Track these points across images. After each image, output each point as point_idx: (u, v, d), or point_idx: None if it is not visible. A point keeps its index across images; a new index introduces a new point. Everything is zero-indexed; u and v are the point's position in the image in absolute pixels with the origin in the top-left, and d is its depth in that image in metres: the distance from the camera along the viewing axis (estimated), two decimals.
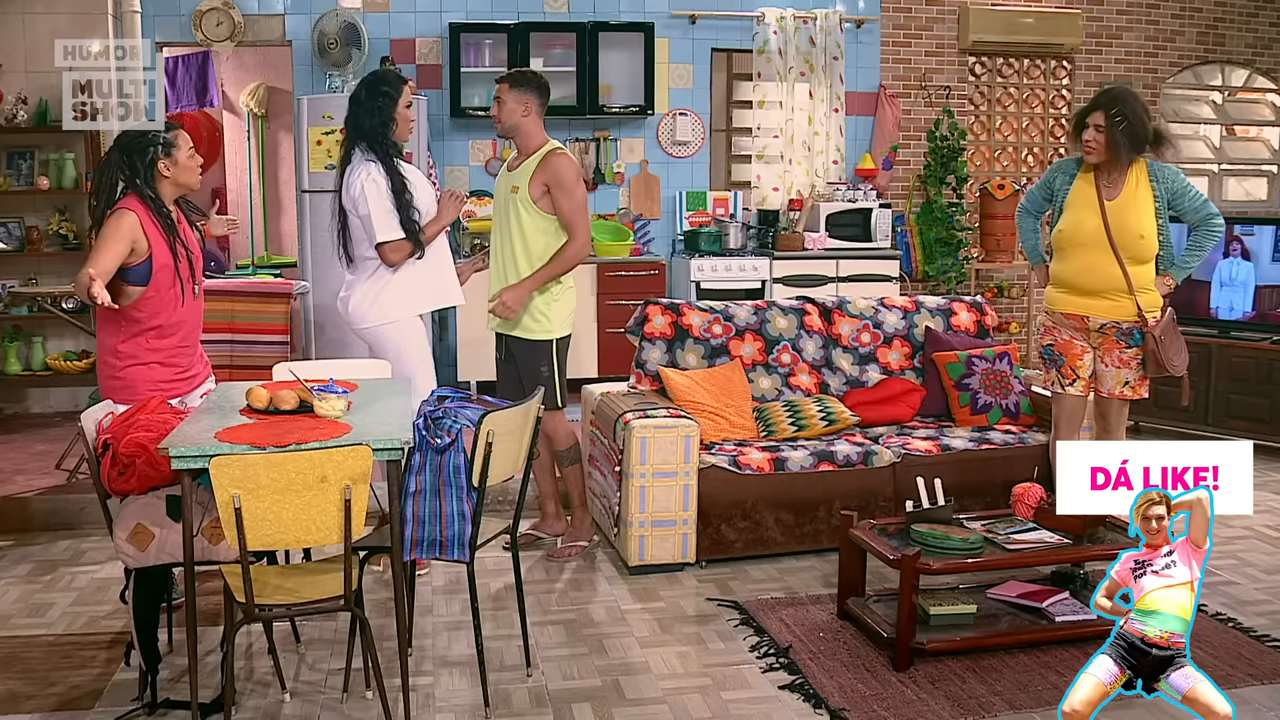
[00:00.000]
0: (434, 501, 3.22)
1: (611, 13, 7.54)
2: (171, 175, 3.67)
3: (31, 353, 6.84)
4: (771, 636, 3.81)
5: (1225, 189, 9.10)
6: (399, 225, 4.26)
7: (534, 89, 4.48)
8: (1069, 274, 4.33)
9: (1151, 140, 4.20)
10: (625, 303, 6.90)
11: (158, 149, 3.65)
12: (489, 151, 7.54)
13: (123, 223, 3.55)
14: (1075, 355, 4.36)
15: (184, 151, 3.70)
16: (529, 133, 4.50)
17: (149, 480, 3.16)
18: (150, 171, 3.64)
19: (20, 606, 4.13)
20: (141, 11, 6.91)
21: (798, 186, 7.76)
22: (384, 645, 3.63)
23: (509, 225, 4.50)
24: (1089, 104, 4.28)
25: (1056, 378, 4.41)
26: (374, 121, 4.32)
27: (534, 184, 4.42)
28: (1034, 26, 8.05)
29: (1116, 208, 4.20)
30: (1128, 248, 4.18)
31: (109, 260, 3.48)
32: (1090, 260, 4.25)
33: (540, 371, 4.49)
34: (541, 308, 4.49)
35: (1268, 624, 3.93)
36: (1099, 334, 4.32)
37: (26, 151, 6.78)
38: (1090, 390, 4.40)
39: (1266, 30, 8.81)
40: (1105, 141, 4.16)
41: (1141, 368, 4.31)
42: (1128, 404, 4.42)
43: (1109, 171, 4.23)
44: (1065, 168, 4.39)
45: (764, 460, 4.52)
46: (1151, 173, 4.23)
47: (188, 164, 3.72)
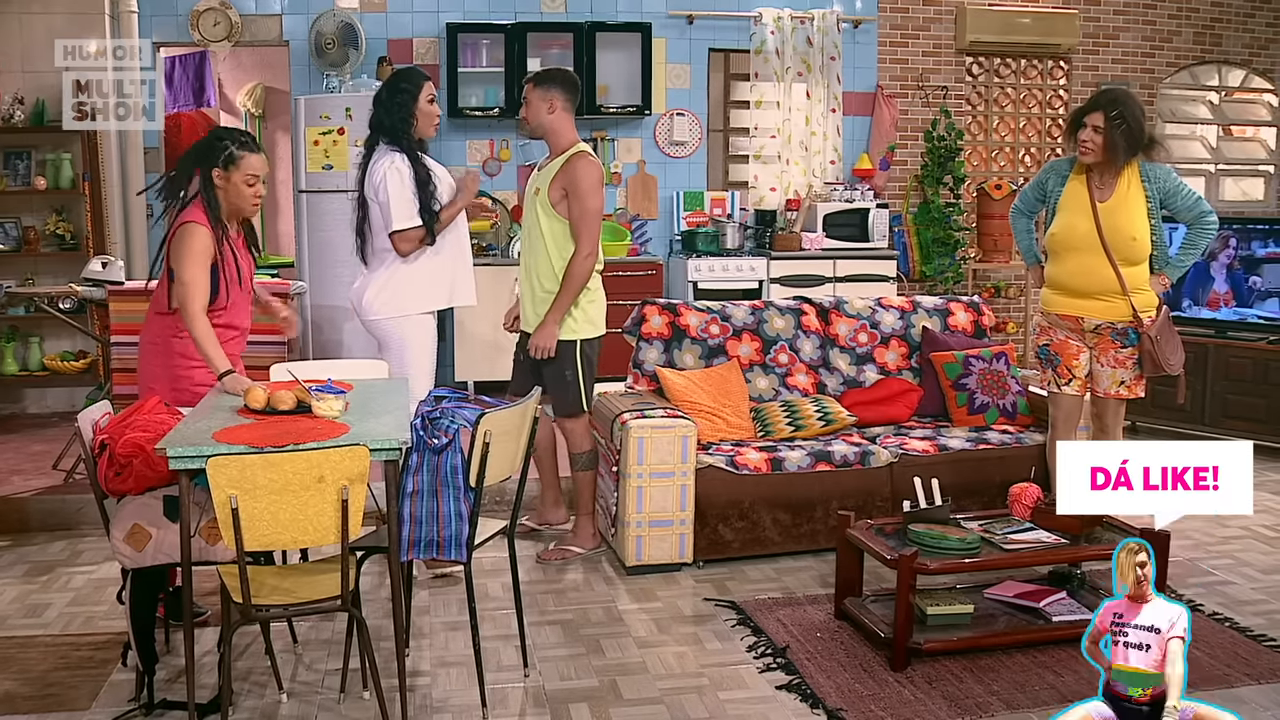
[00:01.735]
0: (431, 502, 3.22)
1: (609, 13, 7.54)
2: (222, 188, 3.66)
3: (28, 353, 6.84)
4: (769, 636, 3.81)
5: (1222, 189, 9.10)
6: (416, 214, 4.30)
7: (558, 85, 4.48)
8: (1063, 276, 4.34)
9: (1146, 145, 4.20)
10: (622, 303, 6.87)
11: (221, 158, 3.64)
12: (486, 151, 7.54)
13: (196, 242, 3.58)
14: (1071, 355, 4.36)
15: (242, 173, 3.66)
16: (557, 130, 4.49)
17: (146, 480, 3.16)
18: (208, 177, 3.65)
19: (17, 607, 4.12)
20: (138, 11, 6.92)
21: (795, 187, 7.76)
22: (381, 645, 3.63)
23: (533, 227, 4.50)
24: (1087, 104, 4.28)
25: (1053, 377, 4.42)
26: (394, 118, 4.36)
27: (554, 187, 4.41)
28: (1031, 27, 8.06)
29: (1108, 210, 4.20)
30: (1120, 250, 4.18)
31: (201, 275, 3.57)
32: (1083, 263, 4.25)
33: (564, 374, 4.47)
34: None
35: (1264, 624, 3.93)
36: (1094, 334, 4.32)
37: (23, 151, 6.78)
38: (1087, 390, 4.41)
39: (1263, 30, 8.82)
40: (1103, 143, 4.15)
41: (1137, 367, 4.32)
42: (1124, 404, 4.43)
43: (1101, 173, 4.23)
44: (1058, 168, 4.39)
45: (761, 460, 4.52)
46: (1143, 173, 4.23)
47: (241, 187, 3.67)
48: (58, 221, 6.80)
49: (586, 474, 4.65)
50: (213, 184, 3.66)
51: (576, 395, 4.49)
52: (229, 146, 3.66)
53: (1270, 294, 6.40)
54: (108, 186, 6.87)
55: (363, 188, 4.42)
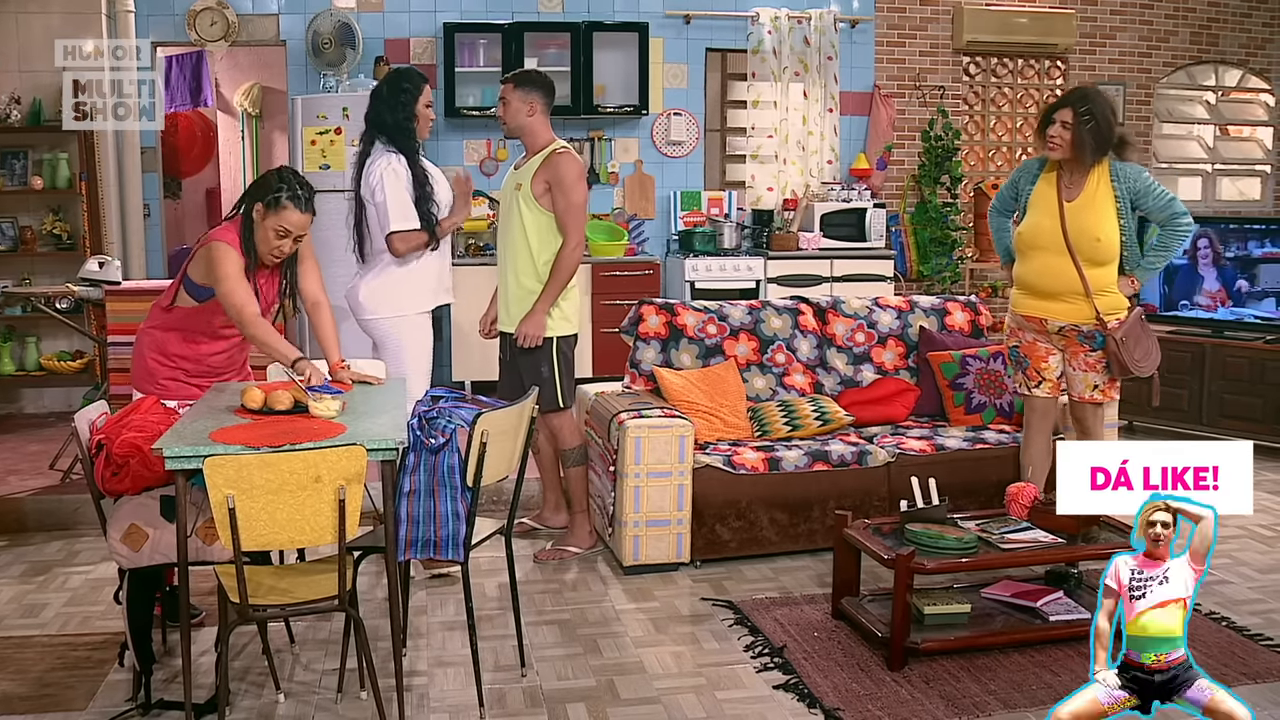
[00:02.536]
0: (428, 501, 3.22)
1: (606, 13, 7.54)
2: (256, 225, 3.58)
3: (25, 353, 6.83)
4: (766, 636, 3.81)
5: (1219, 189, 9.12)
6: (414, 216, 4.32)
7: (539, 88, 4.48)
8: (1028, 276, 4.31)
9: (1115, 144, 4.17)
10: (620, 302, 6.91)
11: (269, 196, 3.56)
12: (483, 151, 7.54)
13: (229, 265, 3.52)
14: (1039, 357, 4.35)
15: (276, 221, 3.54)
16: (535, 132, 4.50)
17: (143, 480, 3.16)
18: (252, 208, 3.59)
19: (14, 607, 4.12)
20: (135, 11, 6.91)
21: (792, 186, 7.77)
22: (378, 645, 3.63)
23: (513, 222, 4.51)
24: (1058, 100, 4.27)
25: (1023, 379, 4.41)
26: (396, 117, 4.37)
27: (536, 181, 4.43)
28: (1028, 26, 8.07)
29: (1075, 209, 4.16)
30: (1084, 250, 4.14)
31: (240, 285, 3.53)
32: (1047, 262, 4.21)
33: (540, 371, 4.48)
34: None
35: (1261, 623, 3.93)
36: (1060, 336, 4.29)
37: (20, 151, 6.77)
38: (1059, 391, 4.38)
39: (1260, 30, 8.83)
40: (1070, 139, 4.13)
41: (1109, 371, 4.27)
42: (1102, 407, 4.38)
43: (1071, 172, 4.20)
44: (1029, 168, 4.38)
45: (758, 460, 4.52)
46: (1113, 173, 4.18)
47: (269, 232, 3.56)
48: (54, 221, 6.80)
49: (577, 470, 4.66)
50: (252, 217, 3.59)
51: (553, 392, 4.51)
52: (281, 191, 3.56)
53: (1267, 294, 6.41)
54: (104, 186, 6.87)
55: (359, 187, 4.43)
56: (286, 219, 3.55)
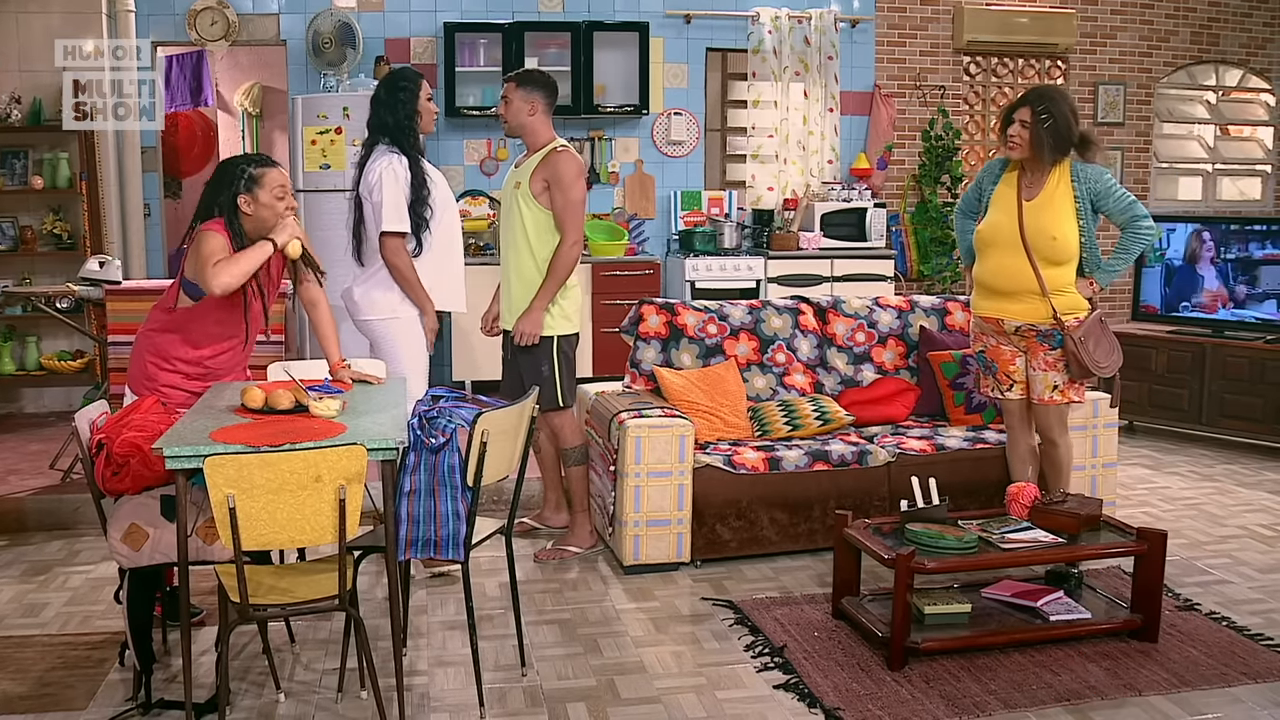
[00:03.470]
0: (429, 501, 3.22)
1: (606, 12, 7.54)
2: (252, 213, 3.55)
3: (25, 353, 6.83)
4: (766, 636, 3.81)
5: (1219, 189, 9.12)
6: (406, 218, 4.31)
7: (541, 88, 4.49)
8: (985, 275, 4.30)
9: (1077, 143, 4.15)
10: (620, 302, 6.91)
11: (240, 183, 3.54)
12: (484, 151, 7.55)
13: (214, 241, 3.48)
14: (1006, 360, 4.34)
15: (268, 191, 3.54)
16: (535, 131, 4.50)
17: (143, 480, 3.16)
18: (233, 205, 3.54)
19: (14, 607, 4.12)
20: (136, 11, 6.91)
21: (792, 186, 7.77)
22: (379, 645, 3.63)
23: (513, 221, 4.52)
24: (1017, 100, 4.27)
25: (994, 383, 4.40)
26: (398, 117, 4.37)
27: (535, 179, 4.43)
28: (1028, 26, 8.07)
29: (1033, 208, 4.15)
30: (1040, 249, 4.13)
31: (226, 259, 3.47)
32: (1003, 261, 4.21)
33: (540, 370, 4.48)
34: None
35: (1262, 623, 3.93)
36: (1018, 336, 4.28)
37: (20, 151, 6.77)
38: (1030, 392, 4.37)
39: (1260, 30, 8.83)
40: (1029, 138, 4.13)
41: (1068, 371, 4.26)
42: (1064, 409, 4.35)
43: (1031, 171, 4.20)
44: (991, 169, 4.38)
45: (759, 460, 4.52)
46: (1074, 173, 4.17)
47: (273, 203, 3.55)
48: (55, 221, 6.80)
49: (578, 469, 4.66)
50: (238, 211, 3.54)
51: (553, 391, 4.51)
52: (246, 169, 3.55)
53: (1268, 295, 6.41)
54: (105, 186, 6.87)
55: (359, 187, 4.43)
56: (271, 180, 3.56)
